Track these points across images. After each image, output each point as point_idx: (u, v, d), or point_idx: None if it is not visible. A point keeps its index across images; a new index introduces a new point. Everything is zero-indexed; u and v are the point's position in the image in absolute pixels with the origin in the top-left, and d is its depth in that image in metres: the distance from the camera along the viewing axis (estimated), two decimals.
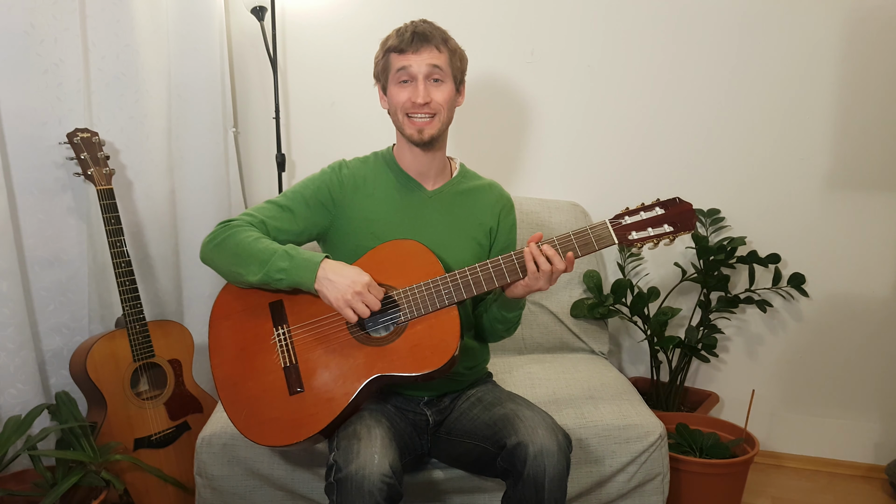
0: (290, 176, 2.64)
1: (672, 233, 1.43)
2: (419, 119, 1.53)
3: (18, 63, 1.87)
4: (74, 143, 1.91)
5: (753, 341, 2.44)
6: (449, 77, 1.55)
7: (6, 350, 1.85)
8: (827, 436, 2.41)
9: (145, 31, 2.18)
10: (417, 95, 1.51)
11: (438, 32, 1.54)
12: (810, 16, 2.20)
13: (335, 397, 1.43)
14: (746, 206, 2.34)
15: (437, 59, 1.51)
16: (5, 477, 1.81)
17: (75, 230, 2.04)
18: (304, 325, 1.48)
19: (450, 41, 1.56)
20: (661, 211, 1.43)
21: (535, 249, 1.42)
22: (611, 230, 1.43)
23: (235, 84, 2.63)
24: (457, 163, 1.71)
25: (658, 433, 1.73)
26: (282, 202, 1.59)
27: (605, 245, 1.43)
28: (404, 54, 1.51)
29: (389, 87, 1.56)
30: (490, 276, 1.45)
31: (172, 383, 2.02)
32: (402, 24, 1.56)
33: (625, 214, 1.44)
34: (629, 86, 2.38)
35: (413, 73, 1.51)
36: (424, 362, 1.42)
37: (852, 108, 2.22)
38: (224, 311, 1.52)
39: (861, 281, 2.29)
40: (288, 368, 1.47)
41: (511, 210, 1.72)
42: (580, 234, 1.43)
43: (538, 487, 1.34)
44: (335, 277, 1.42)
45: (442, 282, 1.45)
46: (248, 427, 1.46)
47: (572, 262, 1.44)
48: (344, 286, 1.40)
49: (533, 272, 1.43)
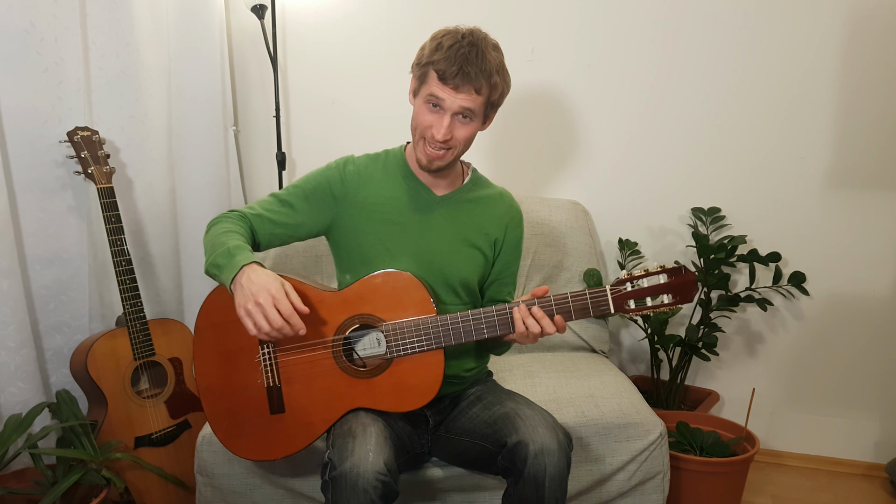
0: (290, 174, 2.64)
1: (669, 304, 1.40)
2: (432, 150, 1.47)
3: (19, 62, 1.87)
4: (75, 141, 1.91)
5: (754, 340, 2.44)
6: (479, 116, 1.48)
7: (7, 348, 1.85)
8: (827, 434, 2.41)
9: (145, 30, 2.18)
10: (440, 132, 1.44)
11: (487, 70, 1.42)
12: (811, 15, 2.20)
13: (314, 423, 1.46)
14: (747, 205, 2.34)
15: (472, 103, 1.43)
16: (6, 475, 1.81)
17: (76, 229, 2.04)
18: (290, 346, 1.47)
19: (494, 78, 1.44)
20: (665, 279, 1.38)
21: (524, 311, 1.40)
22: (609, 298, 1.39)
23: (236, 82, 2.63)
24: (470, 168, 1.67)
25: (658, 432, 1.73)
26: (283, 196, 1.58)
27: (600, 312, 1.40)
28: (443, 84, 1.42)
29: (419, 98, 1.48)
30: (481, 327, 1.42)
31: (173, 382, 2.02)
32: (459, 33, 1.43)
33: (627, 281, 1.39)
34: (629, 84, 2.37)
35: (444, 107, 1.44)
36: (405, 401, 1.43)
37: (853, 107, 2.22)
38: (210, 319, 1.50)
39: (861, 279, 2.29)
40: (271, 389, 1.48)
41: (519, 224, 1.68)
42: (578, 297, 1.40)
43: (539, 486, 1.34)
44: (246, 283, 1.33)
45: (432, 323, 1.43)
46: (229, 438, 1.49)
47: (563, 325, 1.41)
48: (248, 294, 1.31)
49: (521, 332, 1.41)
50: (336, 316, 1.46)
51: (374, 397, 1.44)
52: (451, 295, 1.58)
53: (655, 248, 2.45)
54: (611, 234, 2.47)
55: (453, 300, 1.59)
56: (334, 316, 1.46)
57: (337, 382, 1.45)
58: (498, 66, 1.45)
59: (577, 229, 2.33)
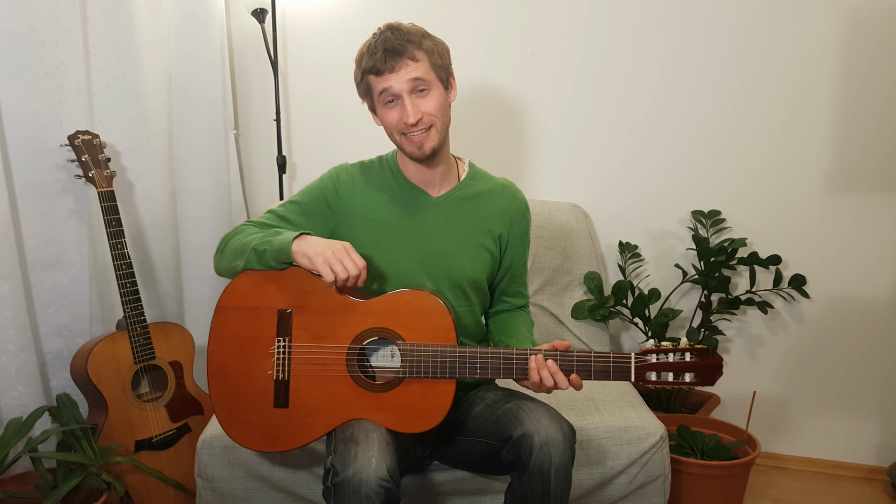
0: (290, 178, 2.64)
1: (690, 383, 1.37)
2: (416, 136, 1.46)
3: (19, 65, 1.87)
4: (75, 145, 1.91)
5: (754, 343, 2.43)
6: (434, 82, 1.46)
7: (7, 352, 1.85)
8: (828, 437, 2.41)
9: (146, 34, 2.18)
10: (407, 116, 1.43)
11: (410, 39, 1.43)
12: (811, 18, 2.20)
13: (313, 425, 1.45)
14: (747, 208, 2.34)
15: (416, 72, 1.42)
16: (6, 479, 1.81)
17: (76, 232, 2.04)
18: (306, 344, 1.47)
19: (425, 42, 1.44)
20: (690, 357, 1.36)
21: (540, 362, 1.37)
22: (633, 367, 1.37)
23: (236, 86, 2.63)
24: (465, 163, 1.64)
25: (659, 435, 1.73)
26: (280, 212, 1.58)
27: (620, 378, 1.38)
28: (382, 75, 1.43)
29: (378, 108, 1.50)
30: (498, 368, 1.40)
31: (173, 385, 2.02)
32: (373, 35, 1.46)
33: (653, 352, 1.37)
34: (630, 87, 2.38)
35: (396, 93, 1.43)
36: (409, 423, 1.42)
37: (853, 110, 2.22)
38: (233, 301, 1.50)
39: (862, 282, 2.29)
40: (279, 382, 1.47)
41: (524, 214, 1.66)
42: (601, 358, 1.37)
43: (544, 477, 1.34)
44: (313, 239, 1.41)
45: (450, 352, 1.40)
46: (229, 422, 1.49)
47: (579, 384, 1.38)
48: (325, 244, 1.38)
49: (535, 382, 1.39)
50: (356, 324, 1.45)
51: (377, 412, 1.43)
52: (460, 297, 1.58)
53: (655, 251, 2.45)
54: (611, 237, 2.47)
55: (462, 302, 1.58)
56: (355, 324, 1.45)
57: (344, 390, 1.44)
58: (421, 32, 1.47)
59: (578, 232, 2.33)
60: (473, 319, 1.61)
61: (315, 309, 1.46)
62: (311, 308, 1.46)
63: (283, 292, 1.47)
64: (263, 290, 1.49)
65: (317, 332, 1.46)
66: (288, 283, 1.45)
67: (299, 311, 1.47)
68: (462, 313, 1.58)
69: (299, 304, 1.47)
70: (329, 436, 1.44)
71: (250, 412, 1.48)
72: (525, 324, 1.68)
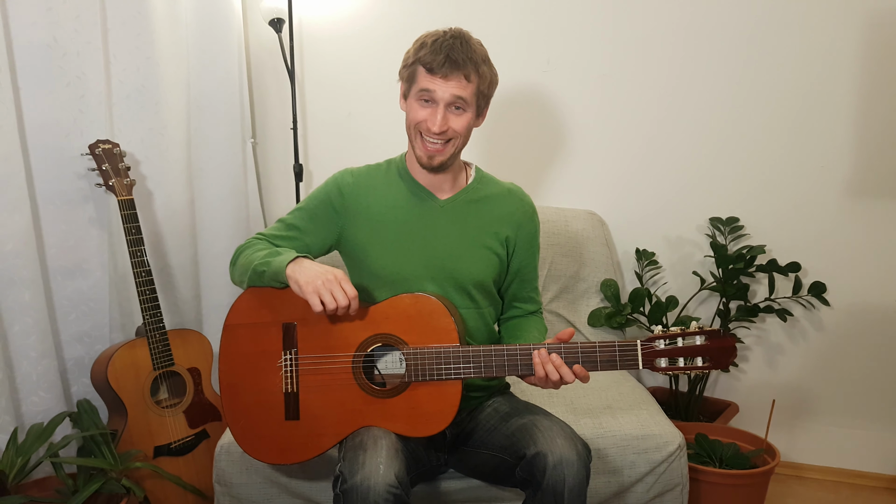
0: (307, 186, 2.65)
1: (703, 367, 1.33)
2: (431, 144, 1.48)
3: (42, 76, 1.90)
4: (96, 154, 1.94)
5: (773, 351, 2.41)
6: (472, 105, 1.49)
7: (28, 359, 1.87)
8: (849, 447, 2.38)
9: (165, 44, 2.21)
10: (435, 123, 1.45)
11: (473, 59, 1.45)
12: (827, 21, 2.18)
13: (325, 435, 1.47)
14: (765, 214, 2.32)
15: (464, 91, 1.45)
16: (28, 484, 1.83)
17: (97, 240, 2.06)
18: (312, 356, 1.48)
19: (482, 67, 1.47)
20: (701, 341, 1.33)
21: (544, 357, 1.37)
22: (640, 354, 1.34)
23: (253, 95, 2.65)
24: (472, 168, 1.66)
25: (677, 443, 1.72)
26: (288, 220, 1.61)
27: (627, 366, 1.35)
28: (432, 75, 1.44)
29: (410, 98, 1.51)
30: (503, 365, 1.40)
31: (192, 391, 2.03)
32: (441, 31, 1.47)
33: (660, 338, 1.34)
34: (644, 94, 2.37)
35: (436, 98, 1.45)
36: (418, 427, 1.43)
37: (873, 114, 2.20)
38: (240, 319, 1.53)
39: (883, 290, 2.27)
40: (288, 395, 1.48)
41: (532, 217, 1.66)
42: (606, 347, 1.36)
43: (558, 497, 1.33)
44: (308, 265, 1.41)
45: (453, 353, 1.41)
46: (244, 437, 1.51)
47: (585, 375, 1.37)
48: (315, 273, 1.38)
49: (541, 377, 1.38)
50: (359, 332, 1.46)
51: (387, 418, 1.44)
52: (465, 298, 1.58)
53: (673, 258, 2.44)
54: (628, 244, 2.46)
55: (467, 304, 1.58)
56: (358, 332, 1.46)
57: (352, 398, 1.45)
58: (484, 56, 1.49)
59: (594, 239, 2.32)
60: (482, 322, 1.61)
61: (318, 320, 1.48)
62: (315, 319, 1.48)
63: (287, 306, 1.49)
64: (267, 305, 1.51)
65: (322, 343, 1.47)
66: (290, 296, 1.45)
67: (303, 323, 1.49)
68: (467, 315, 1.58)
69: (303, 317, 1.49)
70: (341, 444, 1.45)
71: (263, 426, 1.49)
72: (537, 327, 1.67)
